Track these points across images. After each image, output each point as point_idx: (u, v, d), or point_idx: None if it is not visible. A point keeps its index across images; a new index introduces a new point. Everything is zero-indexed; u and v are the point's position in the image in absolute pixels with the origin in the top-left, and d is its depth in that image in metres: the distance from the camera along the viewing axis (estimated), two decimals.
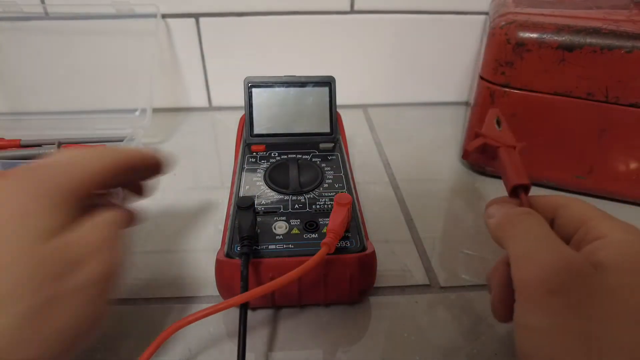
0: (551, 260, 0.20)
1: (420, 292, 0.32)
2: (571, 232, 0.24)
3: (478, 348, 0.28)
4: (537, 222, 0.23)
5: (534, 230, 0.22)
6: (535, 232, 0.22)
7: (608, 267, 0.20)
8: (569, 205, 0.25)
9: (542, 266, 0.20)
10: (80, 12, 0.50)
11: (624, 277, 0.19)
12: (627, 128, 0.37)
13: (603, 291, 0.19)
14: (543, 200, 0.26)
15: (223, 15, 0.52)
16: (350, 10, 0.53)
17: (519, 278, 0.21)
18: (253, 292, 0.25)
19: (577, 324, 0.19)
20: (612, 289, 0.19)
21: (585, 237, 0.22)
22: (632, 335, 0.18)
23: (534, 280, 0.20)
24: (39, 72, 0.53)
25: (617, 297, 0.19)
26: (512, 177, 0.27)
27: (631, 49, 0.34)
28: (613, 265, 0.20)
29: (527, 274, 0.20)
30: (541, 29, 0.37)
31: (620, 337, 0.18)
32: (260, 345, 0.28)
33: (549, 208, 0.25)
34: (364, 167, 0.47)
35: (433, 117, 0.58)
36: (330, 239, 0.27)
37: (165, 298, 0.32)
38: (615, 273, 0.19)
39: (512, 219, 0.24)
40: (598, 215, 0.23)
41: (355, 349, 0.28)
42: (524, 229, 0.23)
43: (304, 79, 0.39)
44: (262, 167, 0.36)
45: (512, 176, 0.27)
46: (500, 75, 0.39)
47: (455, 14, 0.54)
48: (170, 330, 0.25)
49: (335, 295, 0.30)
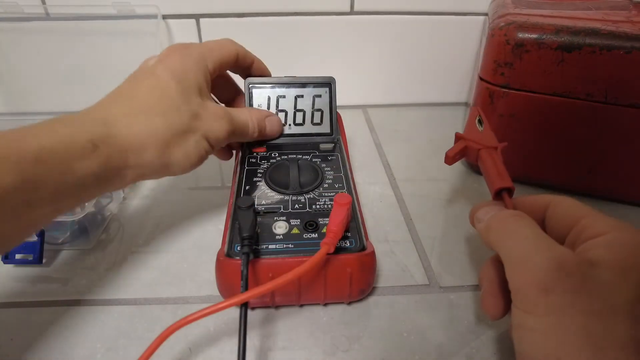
0: (544, 260, 0.20)
1: (420, 292, 0.33)
2: (563, 231, 0.24)
3: (478, 348, 0.28)
4: (527, 224, 0.23)
5: (524, 232, 0.22)
6: (526, 234, 0.22)
7: (601, 264, 0.20)
8: (559, 205, 0.25)
9: (535, 266, 0.20)
10: (81, 13, 0.50)
11: (617, 274, 0.19)
12: (626, 129, 0.37)
13: (599, 287, 0.19)
14: (530, 201, 0.26)
15: (223, 16, 0.52)
16: (350, 11, 0.53)
17: (513, 280, 0.21)
18: (253, 292, 0.25)
19: (574, 322, 0.19)
20: (607, 285, 0.19)
21: (580, 236, 0.22)
22: (631, 330, 0.18)
23: (529, 280, 0.20)
24: (40, 73, 0.53)
25: (612, 293, 0.19)
26: (495, 181, 0.27)
27: (630, 50, 0.34)
28: (606, 262, 0.20)
29: (521, 275, 0.21)
30: (540, 30, 0.37)
31: (619, 332, 0.18)
32: (260, 345, 0.28)
33: (537, 208, 0.25)
34: (364, 167, 0.47)
35: (433, 118, 0.58)
36: (330, 239, 0.27)
37: (165, 298, 0.32)
38: (609, 270, 0.20)
39: (501, 223, 0.24)
40: (589, 214, 0.23)
41: (355, 348, 0.28)
42: (514, 232, 0.23)
43: (304, 79, 0.39)
44: (262, 167, 0.36)
45: (495, 179, 0.27)
46: (499, 76, 0.39)
47: (455, 15, 0.54)
48: (170, 330, 0.25)
49: (334, 294, 0.30)
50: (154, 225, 0.38)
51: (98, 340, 0.29)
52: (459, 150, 0.31)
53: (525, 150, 0.41)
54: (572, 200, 0.25)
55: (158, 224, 0.39)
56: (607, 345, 0.18)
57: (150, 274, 0.34)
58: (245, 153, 0.38)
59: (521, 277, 0.21)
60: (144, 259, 0.35)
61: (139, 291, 0.32)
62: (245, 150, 0.38)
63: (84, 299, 0.32)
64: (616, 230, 0.21)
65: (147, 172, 0.29)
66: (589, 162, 0.40)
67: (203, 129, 0.31)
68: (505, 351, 0.28)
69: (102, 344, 0.28)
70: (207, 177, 0.46)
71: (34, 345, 0.28)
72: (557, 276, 0.19)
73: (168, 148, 0.29)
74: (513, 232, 0.23)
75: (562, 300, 0.19)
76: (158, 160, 0.28)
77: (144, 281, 0.33)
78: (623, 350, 0.18)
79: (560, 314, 0.19)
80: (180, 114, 0.29)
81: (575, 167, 0.41)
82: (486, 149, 0.30)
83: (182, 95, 0.30)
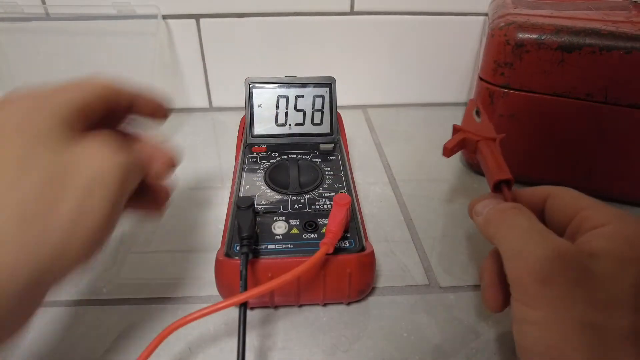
0: (541, 252, 0.20)
1: (420, 292, 0.33)
2: (563, 222, 0.23)
3: (478, 348, 0.28)
4: (525, 216, 0.23)
5: (522, 224, 0.22)
6: (524, 226, 0.22)
7: (601, 255, 0.20)
8: (559, 196, 0.24)
9: (533, 259, 0.20)
10: (81, 13, 0.50)
11: (617, 265, 0.19)
12: (626, 129, 0.37)
13: (598, 278, 0.19)
14: (530, 193, 0.26)
15: (223, 16, 0.52)
16: (350, 12, 0.53)
17: (512, 273, 0.21)
18: (252, 292, 0.25)
19: (574, 314, 0.19)
20: (607, 276, 0.19)
21: (580, 227, 0.22)
22: (632, 320, 0.18)
23: (527, 273, 0.20)
24: (40, 73, 0.53)
25: (612, 284, 0.19)
26: (494, 172, 0.26)
27: (630, 50, 0.34)
28: (606, 253, 0.20)
29: (520, 268, 0.20)
30: (540, 30, 0.37)
31: (620, 323, 0.18)
32: (260, 345, 0.28)
33: (536, 200, 0.25)
34: (364, 167, 0.47)
35: (433, 118, 0.58)
36: (329, 239, 0.27)
37: (165, 298, 0.32)
38: (608, 261, 0.19)
39: (499, 215, 0.24)
40: (590, 205, 0.23)
41: (355, 349, 0.28)
42: (512, 224, 0.22)
43: (305, 79, 0.39)
44: (262, 167, 0.36)
45: (494, 171, 0.27)
46: (499, 76, 0.39)
47: (455, 15, 0.54)
48: (170, 330, 0.25)
49: (334, 295, 0.30)
50: (154, 225, 0.39)
51: (98, 340, 0.29)
52: (457, 142, 0.30)
53: (525, 150, 0.41)
54: (571, 191, 0.24)
55: (158, 224, 0.39)
56: (608, 336, 0.18)
57: (150, 274, 0.34)
58: (246, 153, 0.38)
59: (519, 268, 0.20)
60: (144, 259, 0.35)
61: (138, 291, 0.32)
62: (246, 150, 0.38)
63: (83, 299, 0.32)
64: (617, 221, 0.21)
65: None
66: (589, 162, 0.40)
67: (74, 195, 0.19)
68: (505, 351, 0.28)
69: (102, 344, 0.28)
70: (207, 177, 0.46)
71: (33, 345, 0.28)
72: (555, 267, 0.19)
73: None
74: (511, 224, 0.23)
75: (560, 291, 0.19)
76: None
77: (143, 281, 0.33)
78: (624, 341, 0.18)
79: (559, 306, 0.19)
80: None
81: (575, 167, 0.41)
82: (484, 140, 0.29)
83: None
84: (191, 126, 0.56)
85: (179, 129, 0.55)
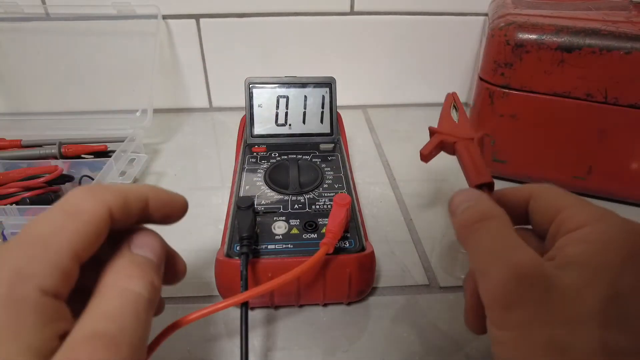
0: (504, 275, 0.19)
1: (420, 292, 0.33)
2: (546, 223, 0.22)
3: (478, 348, 0.28)
4: (494, 229, 0.21)
5: (487, 238, 0.20)
6: (488, 240, 0.20)
7: (572, 263, 0.19)
8: (540, 195, 0.23)
9: (495, 282, 0.19)
10: (81, 13, 0.50)
11: (588, 273, 0.18)
12: (626, 129, 0.37)
13: (565, 295, 0.18)
14: (512, 193, 0.24)
15: (223, 16, 0.52)
16: (350, 12, 0.53)
17: (481, 295, 0.20)
18: (252, 292, 0.25)
19: (540, 334, 0.18)
20: (573, 290, 0.18)
21: (559, 229, 0.21)
22: (598, 337, 0.17)
23: (490, 298, 0.19)
24: (40, 73, 0.53)
25: (579, 300, 0.18)
26: (472, 176, 0.25)
27: (630, 50, 0.34)
28: (577, 261, 0.19)
29: (485, 290, 0.20)
30: (540, 30, 0.37)
31: (587, 338, 0.17)
32: (260, 345, 0.28)
33: (520, 201, 0.23)
34: (364, 167, 0.47)
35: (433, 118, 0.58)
36: (329, 239, 0.27)
37: (166, 298, 0.32)
38: (579, 269, 0.18)
39: (466, 230, 0.22)
40: (571, 203, 0.21)
41: (355, 349, 0.28)
42: (478, 239, 0.21)
43: (305, 79, 0.39)
44: (262, 167, 0.36)
45: (472, 175, 0.25)
46: (499, 76, 0.39)
47: (455, 15, 0.54)
48: (170, 330, 0.25)
49: (334, 295, 0.30)
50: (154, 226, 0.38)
51: None
52: (434, 146, 0.28)
53: (525, 150, 0.41)
54: (554, 189, 0.23)
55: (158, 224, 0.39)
56: (575, 355, 0.17)
57: None
58: (246, 153, 0.38)
59: (484, 290, 0.20)
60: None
61: None
62: (246, 150, 0.38)
63: None
64: (595, 222, 0.20)
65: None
66: (589, 162, 0.40)
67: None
68: None
69: None
70: (207, 177, 0.46)
71: None
72: (517, 289, 0.18)
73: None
74: (477, 240, 0.21)
75: (524, 314, 0.18)
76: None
77: None
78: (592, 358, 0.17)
79: (525, 328, 0.18)
80: None
81: (575, 167, 0.41)
82: (462, 140, 0.27)
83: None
84: (191, 126, 0.56)
85: (178, 129, 0.55)
